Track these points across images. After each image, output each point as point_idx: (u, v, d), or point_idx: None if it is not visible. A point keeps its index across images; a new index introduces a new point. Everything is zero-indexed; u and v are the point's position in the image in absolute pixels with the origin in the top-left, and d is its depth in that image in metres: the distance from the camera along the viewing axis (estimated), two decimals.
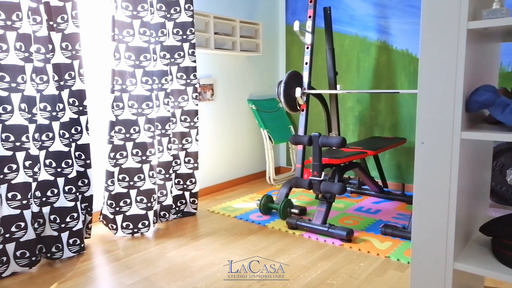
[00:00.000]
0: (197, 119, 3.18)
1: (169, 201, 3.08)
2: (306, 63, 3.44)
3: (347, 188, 3.80)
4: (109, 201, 2.77)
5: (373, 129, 3.99)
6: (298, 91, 3.34)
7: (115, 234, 2.83)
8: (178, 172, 3.20)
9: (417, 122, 1.19)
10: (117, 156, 2.75)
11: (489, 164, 1.60)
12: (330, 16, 3.76)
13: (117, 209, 2.78)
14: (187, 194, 3.24)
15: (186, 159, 3.20)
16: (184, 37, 3.06)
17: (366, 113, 4.01)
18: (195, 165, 3.22)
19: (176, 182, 3.20)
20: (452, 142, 1.14)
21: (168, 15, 3.00)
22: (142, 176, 2.84)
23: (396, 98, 3.82)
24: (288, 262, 2.41)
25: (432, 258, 1.21)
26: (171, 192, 3.09)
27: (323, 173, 2.86)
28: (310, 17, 3.46)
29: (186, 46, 3.08)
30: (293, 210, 3.17)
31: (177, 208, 3.21)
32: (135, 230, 2.84)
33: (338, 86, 3.78)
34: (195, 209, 3.27)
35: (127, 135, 2.77)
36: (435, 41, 1.14)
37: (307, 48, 3.46)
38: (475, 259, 1.21)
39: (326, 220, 2.83)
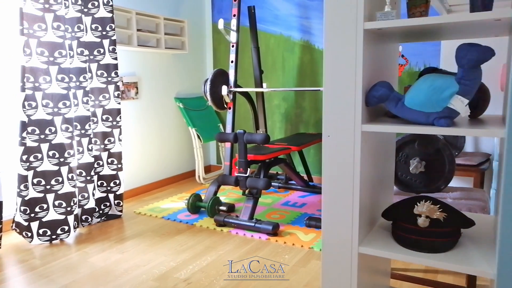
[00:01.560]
0: (120, 118, 3.07)
1: (91, 204, 2.94)
2: (232, 61, 3.47)
3: (275, 184, 3.89)
4: (22, 207, 2.58)
5: (299, 126, 4.13)
6: (224, 89, 3.36)
7: (30, 242, 2.65)
8: (100, 173, 3.07)
9: (323, 117, 1.26)
10: (31, 158, 2.57)
11: (393, 155, 1.73)
12: (255, 15, 3.82)
13: (32, 215, 2.60)
14: (111, 196, 3.12)
15: (109, 160, 3.08)
16: (104, 33, 2.94)
17: (292, 110, 4.14)
18: (119, 166, 3.11)
19: (98, 184, 3.07)
20: (354, 134, 1.22)
21: (85, 10, 2.86)
22: (60, 179, 2.68)
23: (319, 96, 3.98)
24: (215, 259, 2.42)
25: (340, 243, 1.29)
26: (93, 195, 2.95)
27: (248, 169, 2.90)
28: (234, 15, 3.49)
29: (106, 42, 2.96)
30: (222, 208, 3.18)
31: (100, 211, 3.08)
32: (54, 236, 2.68)
33: (264, 85, 3.86)
34: (121, 211, 3.16)
35: (42, 136, 2.60)
36: (336, 41, 1.21)
37: (233, 46, 3.49)
38: (378, 243, 1.31)
39: (253, 215, 2.88)
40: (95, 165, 3.03)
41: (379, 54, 1.38)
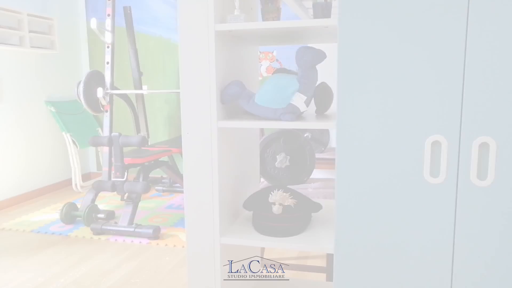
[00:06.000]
0: None
1: None
2: (108, 63, 3.33)
3: (159, 188, 3.83)
4: None
5: None
6: (100, 91, 3.21)
7: None
8: None
9: (182, 114, 1.30)
10: None
11: (257, 151, 1.85)
12: (131, 16, 3.72)
13: None
14: None
15: None
16: None
17: (175, 113, 4.12)
18: None
19: None
20: (211, 131, 1.28)
21: None
22: None
23: None
24: (91, 269, 2.30)
25: (202, 236, 1.34)
26: None
27: (126, 173, 2.82)
28: (109, 15, 3.35)
29: None
30: (100, 215, 3.03)
31: None
32: None
33: (145, 87, 3.78)
34: None
35: None
36: (190, 42, 1.26)
37: (108, 47, 3.35)
38: (240, 233, 1.39)
39: (133, 220, 2.80)
40: None
41: (238, 55, 1.47)
